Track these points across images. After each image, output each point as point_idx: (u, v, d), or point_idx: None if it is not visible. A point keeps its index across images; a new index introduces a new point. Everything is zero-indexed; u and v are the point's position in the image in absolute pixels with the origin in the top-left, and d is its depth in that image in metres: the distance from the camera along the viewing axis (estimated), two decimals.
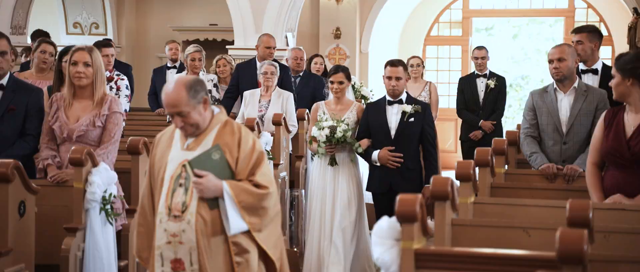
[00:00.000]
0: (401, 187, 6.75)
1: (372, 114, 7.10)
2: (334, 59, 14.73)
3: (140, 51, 15.33)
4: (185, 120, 4.29)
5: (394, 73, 6.98)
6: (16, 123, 5.82)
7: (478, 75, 10.56)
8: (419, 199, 3.58)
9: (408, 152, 6.99)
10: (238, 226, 4.27)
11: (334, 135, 7.04)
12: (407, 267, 3.56)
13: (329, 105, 7.37)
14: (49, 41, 7.68)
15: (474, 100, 10.47)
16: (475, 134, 10.41)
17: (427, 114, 7.04)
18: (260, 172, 4.35)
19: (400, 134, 6.98)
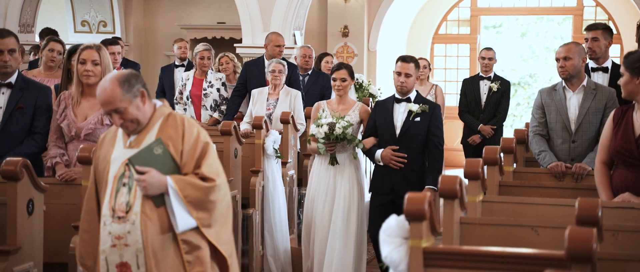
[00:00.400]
0: (403, 189, 6.55)
1: (380, 112, 6.89)
2: (342, 57, 14.72)
3: (148, 49, 15.35)
4: (124, 116, 4.10)
5: (405, 69, 6.77)
6: (25, 121, 5.83)
7: (482, 78, 10.30)
8: (427, 198, 3.56)
9: (412, 152, 6.76)
10: (186, 222, 4.08)
11: (333, 131, 6.78)
12: (415, 265, 3.55)
13: (331, 104, 7.12)
14: (57, 39, 7.69)
15: (476, 103, 10.22)
16: (473, 138, 10.18)
17: (435, 115, 6.79)
18: (206, 164, 4.15)
19: (405, 133, 6.76)
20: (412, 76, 6.78)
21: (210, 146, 4.21)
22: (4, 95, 5.84)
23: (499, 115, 10.13)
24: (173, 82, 10.82)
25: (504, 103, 10.16)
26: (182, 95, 9.34)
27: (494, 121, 10.10)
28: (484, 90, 10.19)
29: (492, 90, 10.11)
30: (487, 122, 10.09)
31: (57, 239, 5.32)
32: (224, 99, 9.30)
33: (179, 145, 4.14)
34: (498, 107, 10.11)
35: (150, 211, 4.07)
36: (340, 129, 6.74)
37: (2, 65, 5.79)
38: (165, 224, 4.08)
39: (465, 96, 10.31)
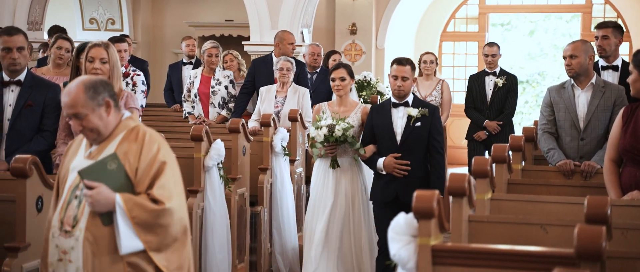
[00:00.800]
0: (407, 196, 6.23)
1: (377, 118, 6.60)
2: (350, 55, 14.72)
3: (156, 47, 15.37)
4: (83, 123, 3.93)
5: (401, 72, 6.48)
6: (33, 119, 5.84)
7: (487, 73, 10.11)
8: (436, 196, 3.56)
9: (415, 159, 6.52)
10: (131, 244, 3.84)
11: (333, 133, 6.55)
12: (423, 263, 3.55)
13: (332, 106, 6.88)
14: (65, 37, 7.70)
15: (481, 99, 10.03)
16: (478, 134, 9.97)
17: (434, 118, 6.54)
18: (159, 185, 3.89)
19: (407, 139, 6.51)
20: (409, 79, 6.51)
21: (168, 165, 3.97)
22: (13, 92, 5.86)
23: (506, 111, 9.94)
24: (181, 79, 10.83)
25: (511, 99, 9.97)
26: (190, 93, 9.34)
27: (502, 117, 9.92)
28: (489, 86, 10.02)
29: (497, 86, 9.94)
30: (493, 119, 9.90)
31: None
32: (232, 97, 9.31)
33: (135, 162, 3.93)
34: (505, 103, 9.94)
35: (96, 228, 3.87)
36: (340, 130, 6.53)
37: (10, 63, 5.80)
38: (112, 244, 3.86)
39: (471, 92, 10.15)
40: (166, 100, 11.01)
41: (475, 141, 9.99)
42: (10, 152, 5.69)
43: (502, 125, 9.86)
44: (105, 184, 3.84)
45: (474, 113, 10.05)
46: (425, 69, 10.21)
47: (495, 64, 10.07)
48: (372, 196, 6.73)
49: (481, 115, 9.95)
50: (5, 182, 5.22)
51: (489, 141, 9.67)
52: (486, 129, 9.90)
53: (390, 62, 6.63)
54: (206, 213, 6.63)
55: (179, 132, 8.27)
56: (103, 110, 3.95)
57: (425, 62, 10.22)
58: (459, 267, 3.56)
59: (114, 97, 4.02)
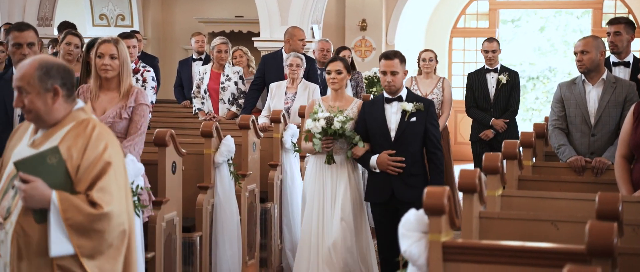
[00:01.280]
0: (404, 195, 6.23)
1: (370, 114, 6.33)
2: (360, 51, 14.71)
3: (166, 43, 15.38)
4: (25, 101, 3.68)
5: (389, 67, 6.23)
6: None
7: (488, 70, 9.63)
8: (446, 192, 3.55)
9: (411, 155, 6.26)
10: (61, 247, 3.56)
11: (331, 126, 6.26)
12: (434, 260, 3.54)
13: (327, 101, 6.58)
14: (74, 33, 7.70)
15: (484, 97, 9.56)
16: (486, 133, 9.54)
17: (430, 112, 6.28)
18: (99, 187, 3.62)
19: (402, 135, 6.25)
20: (399, 73, 6.25)
21: (112, 167, 3.69)
22: None
23: (511, 108, 9.55)
24: (191, 75, 10.83)
25: (515, 95, 9.58)
26: (200, 89, 9.35)
27: (507, 115, 9.53)
28: (492, 84, 9.60)
29: (500, 83, 9.52)
30: (498, 117, 9.52)
31: None
32: (242, 93, 9.31)
33: (78, 158, 3.66)
34: (509, 100, 9.54)
35: (27, 225, 3.64)
36: (339, 123, 6.27)
37: (20, 59, 5.81)
38: (42, 244, 3.59)
39: (472, 91, 9.68)
40: (176, 96, 11.02)
41: (481, 142, 9.59)
42: None
43: (508, 123, 9.54)
44: (42, 178, 3.58)
45: (477, 112, 9.64)
46: (425, 67, 9.77)
47: (496, 60, 9.69)
48: (368, 195, 6.50)
49: (485, 114, 9.56)
50: None
51: (494, 141, 9.40)
52: (493, 127, 9.52)
53: (379, 56, 6.47)
54: (216, 209, 6.64)
55: (189, 128, 8.27)
56: (48, 96, 3.69)
57: (425, 60, 9.78)
58: (470, 264, 3.55)
59: (68, 87, 3.76)
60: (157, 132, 5.96)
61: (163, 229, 5.92)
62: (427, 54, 9.80)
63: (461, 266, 3.56)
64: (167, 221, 5.98)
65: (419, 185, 5.98)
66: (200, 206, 6.48)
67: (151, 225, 5.84)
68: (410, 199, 6.07)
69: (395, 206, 6.27)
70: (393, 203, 6.29)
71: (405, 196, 6.21)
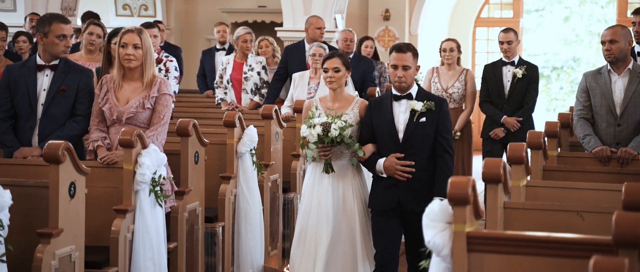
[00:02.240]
0: (412, 204, 5.60)
1: (376, 113, 5.74)
2: (383, 41, 14.65)
3: (189, 33, 15.40)
4: None
5: (401, 60, 5.61)
6: (67, 104, 5.85)
7: (505, 63, 8.79)
8: (471, 182, 3.52)
9: (420, 159, 5.64)
10: None
11: (328, 133, 5.62)
12: (458, 250, 3.51)
13: (324, 102, 5.94)
14: (97, 23, 7.71)
15: (498, 92, 8.76)
16: (495, 132, 8.73)
17: (442, 112, 5.65)
18: None
19: (410, 137, 5.63)
20: (411, 68, 5.64)
21: None
22: (48, 77, 5.87)
23: (526, 105, 8.70)
24: (214, 65, 10.85)
25: (532, 91, 8.72)
26: (222, 79, 9.34)
27: (521, 112, 8.68)
28: (507, 77, 8.77)
29: (516, 77, 8.70)
30: (511, 114, 8.68)
31: (98, 223, 5.34)
32: (265, 83, 9.30)
33: None
34: (525, 97, 8.69)
35: None
36: (337, 130, 5.61)
37: (63, 50, 5.85)
38: None
39: (486, 84, 8.89)
40: (199, 86, 11.04)
41: (492, 140, 8.81)
42: (44, 137, 5.71)
43: (521, 121, 8.66)
44: None
45: (489, 107, 8.84)
46: (446, 58, 9.04)
47: (513, 52, 8.81)
48: (371, 202, 5.82)
49: (497, 110, 8.75)
50: (39, 168, 5.24)
51: (506, 140, 8.45)
52: (504, 126, 8.70)
53: (389, 49, 5.88)
54: (239, 200, 6.63)
55: (211, 118, 8.28)
56: None
57: (446, 51, 9.05)
58: (494, 255, 3.52)
59: None
60: (180, 122, 5.96)
61: (185, 219, 5.92)
62: (449, 44, 9.10)
63: (485, 256, 3.53)
64: (190, 211, 5.98)
65: (427, 193, 5.55)
66: (222, 196, 6.48)
67: (173, 215, 5.84)
68: (419, 209, 5.33)
69: (400, 216, 5.69)
70: (399, 212, 5.69)
71: (412, 206, 5.59)
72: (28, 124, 5.82)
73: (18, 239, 4.56)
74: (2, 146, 5.84)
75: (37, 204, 4.81)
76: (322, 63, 5.95)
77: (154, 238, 5.36)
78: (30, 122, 5.82)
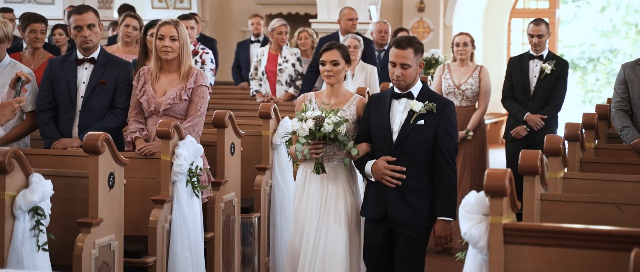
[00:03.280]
0: (399, 215, 5.06)
1: (374, 110, 5.21)
2: (418, 33, 14.61)
3: (224, 25, 15.46)
4: None
5: (400, 58, 5.04)
6: (106, 96, 5.91)
7: (532, 57, 8.11)
8: (508, 173, 3.51)
9: (413, 167, 5.06)
10: None
11: (320, 128, 5.08)
12: (495, 242, 3.51)
13: (320, 97, 5.44)
14: (133, 15, 7.77)
15: (523, 88, 8.09)
16: (517, 131, 8.08)
17: (444, 116, 5.05)
18: None
19: (404, 139, 5.06)
20: (412, 66, 5.05)
21: None
22: (87, 70, 5.94)
23: (552, 103, 8.04)
24: (249, 57, 10.90)
25: (560, 89, 8.05)
26: (257, 71, 9.38)
27: (546, 110, 8.02)
28: (534, 72, 8.09)
29: (544, 72, 8.00)
30: (536, 112, 8.02)
31: (136, 213, 5.40)
32: (299, 74, 9.32)
33: None
34: (552, 94, 8.04)
35: None
36: (330, 125, 5.06)
37: (83, 41, 5.88)
38: None
39: (510, 78, 8.22)
40: (234, 78, 11.09)
41: (515, 143, 8.11)
42: (84, 129, 5.78)
43: (546, 120, 8.02)
44: None
45: (512, 104, 8.16)
46: (459, 53, 8.30)
47: (543, 46, 8.10)
48: (363, 210, 5.28)
49: (521, 107, 8.09)
50: (79, 159, 5.31)
51: (530, 139, 8.01)
52: (526, 123, 8.06)
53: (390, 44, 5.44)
54: (274, 190, 6.66)
55: (247, 110, 8.31)
56: None
57: (458, 45, 8.31)
58: (531, 247, 3.51)
59: None
60: (216, 113, 6.00)
61: (222, 209, 5.96)
62: (462, 38, 8.34)
63: (522, 248, 3.52)
64: (226, 201, 6.02)
65: (420, 205, 5.07)
66: (258, 187, 6.51)
67: (210, 206, 5.89)
68: (406, 221, 5.05)
69: (388, 227, 5.16)
70: (386, 223, 5.14)
71: (400, 217, 5.07)
72: (68, 115, 5.90)
73: (59, 228, 4.64)
74: (44, 136, 5.92)
75: (77, 194, 4.88)
76: (320, 55, 5.40)
77: (191, 228, 5.41)
78: (70, 114, 5.90)
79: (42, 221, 4.29)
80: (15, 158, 4.25)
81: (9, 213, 4.20)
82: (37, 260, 4.26)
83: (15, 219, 4.21)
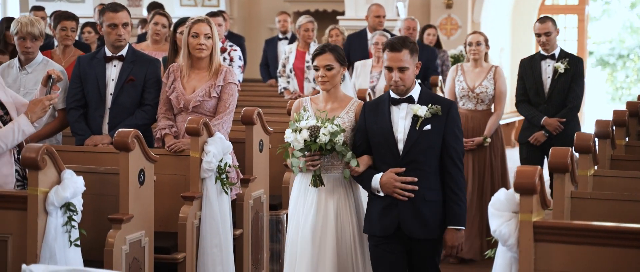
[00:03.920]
0: (414, 229, 4.69)
1: (371, 119, 4.80)
2: (446, 30, 14.56)
3: (251, 22, 15.49)
4: None
5: (396, 61, 4.67)
6: (135, 93, 5.96)
7: (543, 57, 7.62)
8: (538, 171, 3.50)
9: (425, 175, 4.70)
10: None
11: (316, 139, 4.72)
12: (525, 240, 3.50)
13: (316, 102, 5.02)
14: (162, 13, 7.82)
15: (536, 90, 7.61)
16: (536, 137, 7.58)
17: (450, 118, 4.71)
18: None
19: (412, 148, 4.68)
20: (410, 68, 4.70)
21: None
22: (116, 67, 5.98)
23: (570, 104, 7.54)
24: (276, 55, 10.92)
25: (576, 88, 7.56)
26: (285, 68, 9.40)
27: (564, 112, 7.53)
28: (547, 73, 7.61)
29: (557, 72, 7.51)
30: (553, 114, 7.54)
31: (166, 209, 5.44)
32: None
33: None
34: (568, 94, 7.54)
35: None
36: (327, 135, 4.70)
37: (116, 39, 5.93)
38: None
39: (522, 81, 7.73)
40: (262, 75, 11.12)
41: (529, 146, 7.69)
42: (113, 126, 5.83)
43: (565, 123, 7.54)
44: None
45: (527, 108, 7.70)
46: (472, 53, 7.74)
47: (552, 45, 7.60)
48: (367, 227, 4.84)
49: (537, 111, 7.61)
50: (109, 156, 5.36)
51: (547, 144, 7.39)
52: (545, 128, 7.57)
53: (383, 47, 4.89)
54: None
55: (275, 107, 8.34)
56: None
57: (471, 45, 7.76)
58: (562, 245, 3.51)
59: None
60: (245, 110, 6.02)
61: (250, 206, 5.99)
62: (475, 37, 7.81)
63: (552, 246, 3.51)
64: (255, 198, 6.05)
65: (433, 217, 4.72)
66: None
67: (239, 203, 5.91)
68: (422, 235, 4.72)
69: (402, 242, 4.77)
70: (400, 239, 4.76)
71: (415, 231, 4.71)
72: (98, 112, 5.95)
73: (90, 224, 4.69)
74: (74, 134, 5.98)
75: (108, 190, 4.93)
76: (312, 60, 4.99)
77: (220, 225, 5.44)
78: (100, 111, 5.95)
79: (74, 216, 4.34)
80: (48, 155, 4.29)
81: (41, 209, 4.25)
82: (69, 255, 4.31)
83: (47, 215, 4.26)
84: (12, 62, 6.13)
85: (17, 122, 4.60)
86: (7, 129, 4.58)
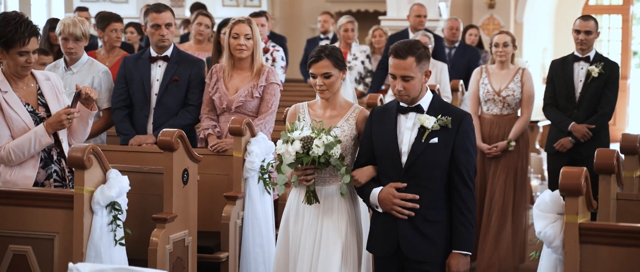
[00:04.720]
0: (414, 250, 4.29)
1: (377, 127, 4.41)
2: (488, 30, 14.48)
3: (293, 22, 15.54)
4: None
5: (400, 70, 4.28)
6: (179, 94, 6.01)
7: (578, 59, 7.14)
8: (584, 172, 3.47)
9: (428, 193, 4.29)
10: None
11: (309, 152, 4.29)
12: (570, 241, 3.48)
13: (314, 109, 4.63)
14: (205, 13, 7.87)
15: (567, 94, 7.15)
16: (562, 143, 7.14)
17: (461, 131, 4.28)
18: None
19: (416, 162, 4.28)
20: (415, 77, 4.29)
21: None
22: (161, 68, 6.04)
23: (601, 110, 7.08)
24: None
25: (610, 94, 7.09)
26: None
27: (594, 119, 7.08)
28: (579, 76, 7.14)
29: (590, 76, 7.04)
30: (583, 120, 7.08)
31: (209, 208, 5.47)
32: (369, 72, 9.33)
33: None
34: (600, 100, 7.08)
35: None
36: (321, 147, 4.27)
37: (159, 39, 5.99)
38: None
39: (552, 84, 7.27)
40: (302, 73, 11.16)
41: (557, 157, 7.24)
42: (158, 126, 5.88)
43: (594, 130, 7.08)
44: None
45: (555, 112, 7.24)
46: (499, 54, 7.33)
47: (590, 46, 7.13)
48: (369, 245, 4.49)
49: (565, 116, 7.17)
50: (153, 155, 5.40)
51: (575, 152, 7.14)
52: (572, 135, 7.14)
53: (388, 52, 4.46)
54: None
55: None
56: None
57: (498, 46, 7.34)
58: (607, 247, 3.49)
59: None
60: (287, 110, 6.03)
61: None
62: (502, 38, 7.35)
63: (598, 248, 3.49)
64: None
65: (437, 238, 4.31)
66: None
67: (281, 203, 5.91)
68: (422, 258, 4.31)
69: (401, 264, 4.39)
70: (399, 260, 4.38)
71: (413, 253, 4.32)
72: (142, 112, 6.01)
73: (134, 223, 4.73)
74: (119, 133, 6.04)
75: (152, 189, 4.97)
76: (309, 67, 4.55)
77: (263, 225, 5.46)
78: (145, 111, 6.01)
79: (119, 216, 4.38)
80: (94, 154, 4.34)
81: (87, 208, 4.30)
82: (114, 254, 4.35)
83: (93, 214, 4.31)
84: (58, 62, 6.22)
85: (35, 132, 4.64)
86: (24, 139, 4.63)
